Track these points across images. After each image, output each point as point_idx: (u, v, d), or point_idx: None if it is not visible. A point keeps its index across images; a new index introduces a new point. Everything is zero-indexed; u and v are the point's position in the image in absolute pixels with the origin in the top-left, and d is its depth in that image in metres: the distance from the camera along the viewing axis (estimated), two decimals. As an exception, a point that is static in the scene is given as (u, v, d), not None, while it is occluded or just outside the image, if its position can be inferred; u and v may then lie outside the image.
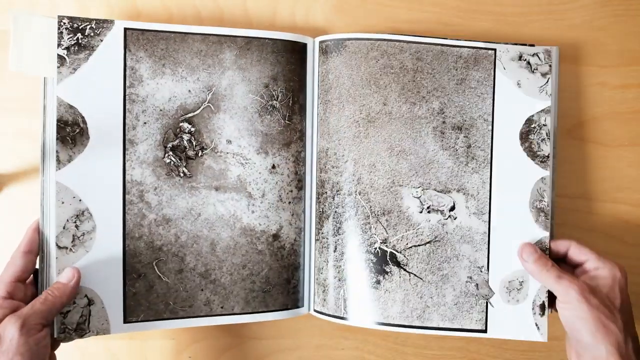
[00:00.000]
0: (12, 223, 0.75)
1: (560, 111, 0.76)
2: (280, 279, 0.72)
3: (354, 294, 0.72)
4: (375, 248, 0.72)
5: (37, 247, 0.65)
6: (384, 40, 0.73)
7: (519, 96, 0.72)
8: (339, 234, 0.72)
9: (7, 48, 0.66)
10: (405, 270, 0.72)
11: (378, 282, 0.72)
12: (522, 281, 0.71)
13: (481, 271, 0.72)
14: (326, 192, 0.73)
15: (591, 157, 0.78)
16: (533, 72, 0.72)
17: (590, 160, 0.78)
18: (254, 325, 0.78)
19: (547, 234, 0.71)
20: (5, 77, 0.74)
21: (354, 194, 0.72)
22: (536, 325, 0.70)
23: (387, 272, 0.72)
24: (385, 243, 0.72)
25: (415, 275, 0.72)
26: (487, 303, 0.71)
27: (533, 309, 0.71)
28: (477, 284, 0.72)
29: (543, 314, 0.70)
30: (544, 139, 0.72)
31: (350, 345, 0.79)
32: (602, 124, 0.78)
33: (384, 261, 0.72)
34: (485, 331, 0.71)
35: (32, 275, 0.66)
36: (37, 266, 0.66)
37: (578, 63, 0.78)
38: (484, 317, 0.71)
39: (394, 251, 0.72)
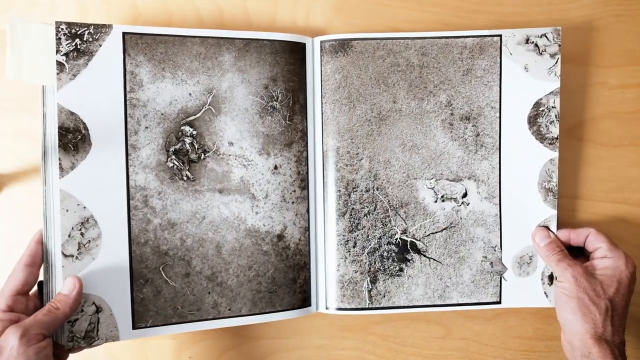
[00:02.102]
0: (12, 223, 0.75)
1: (560, 111, 0.77)
2: (286, 279, 0.73)
3: (378, 284, 0.75)
4: (397, 239, 0.75)
5: (39, 260, 0.65)
6: (389, 39, 0.74)
7: (527, 80, 0.75)
8: (358, 230, 0.74)
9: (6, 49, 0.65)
10: (425, 256, 0.76)
11: (401, 269, 0.75)
12: (532, 255, 0.76)
13: (495, 250, 0.76)
14: (340, 190, 0.74)
15: (591, 157, 0.79)
16: (541, 54, 0.74)
17: (590, 160, 0.79)
18: (255, 325, 0.78)
19: (555, 212, 0.75)
20: (5, 77, 0.73)
21: (372, 190, 0.75)
22: (545, 293, 0.76)
23: (409, 260, 0.75)
24: (405, 233, 0.75)
25: (434, 259, 0.76)
26: (500, 278, 0.76)
27: (542, 279, 0.76)
28: (491, 262, 0.76)
29: (551, 283, 0.76)
30: (552, 121, 0.74)
31: (351, 345, 0.80)
32: (602, 124, 0.79)
33: (405, 250, 0.75)
34: (499, 302, 0.76)
35: (36, 287, 0.66)
36: (42, 277, 0.66)
37: (578, 63, 0.79)
38: (498, 291, 0.76)
39: (414, 240, 0.75)
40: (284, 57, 0.72)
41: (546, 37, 0.74)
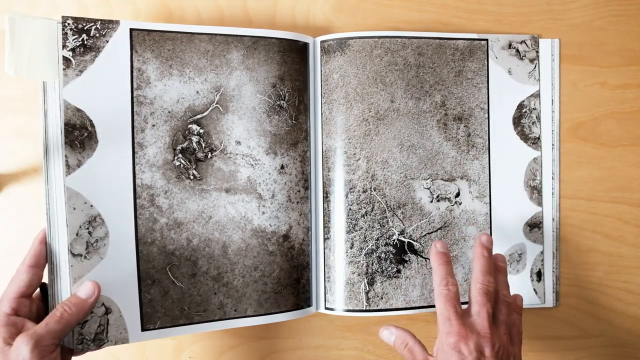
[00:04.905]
0: (12, 223, 0.74)
1: (560, 111, 0.78)
2: (290, 279, 0.72)
3: (375, 286, 0.74)
4: (394, 240, 0.75)
5: (43, 260, 0.63)
6: (386, 37, 0.74)
7: (511, 83, 0.77)
8: (355, 231, 0.74)
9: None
10: (422, 256, 0.75)
11: (399, 271, 0.75)
12: (521, 253, 0.78)
13: None
14: (338, 191, 0.74)
15: (591, 157, 0.79)
16: (522, 59, 0.77)
17: (590, 160, 0.80)
18: (255, 325, 0.77)
19: (541, 209, 0.78)
20: (5, 77, 0.72)
21: (369, 191, 0.74)
22: (534, 290, 0.78)
23: (406, 261, 0.75)
24: (402, 234, 0.75)
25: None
26: None
27: (531, 276, 0.78)
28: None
29: (540, 280, 0.78)
30: (534, 122, 0.77)
31: (350, 345, 0.79)
32: (602, 124, 0.79)
33: (403, 251, 0.75)
34: None
35: (38, 289, 0.64)
36: (46, 279, 0.64)
37: (578, 63, 0.80)
38: None
39: (411, 241, 0.75)
40: (290, 56, 0.72)
41: (525, 43, 0.77)
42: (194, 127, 0.69)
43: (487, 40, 0.77)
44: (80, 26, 0.65)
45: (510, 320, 0.65)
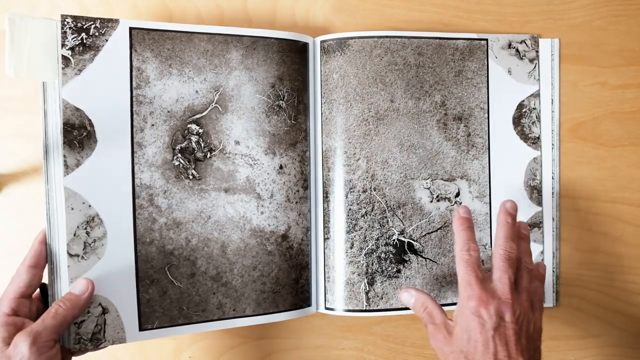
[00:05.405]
0: (12, 223, 0.74)
1: (560, 111, 0.78)
2: (289, 279, 0.72)
3: (375, 286, 0.74)
4: (394, 240, 0.75)
5: (43, 261, 0.63)
6: (386, 37, 0.74)
7: (510, 83, 0.77)
8: (355, 231, 0.74)
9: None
10: (422, 256, 0.75)
11: (399, 271, 0.75)
12: None
13: (485, 248, 0.77)
14: (338, 191, 0.74)
15: (591, 157, 0.79)
16: (522, 58, 0.77)
17: (590, 160, 0.79)
18: (255, 325, 0.77)
19: (541, 209, 0.78)
20: (5, 77, 0.71)
21: (369, 191, 0.74)
22: None
23: (406, 261, 0.75)
24: (402, 234, 0.75)
25: (430, 260, 0.76)
26: None
27: None
28: (482, 260, 0.76)
29: None
30: (534, 122, 0.77)
31: (350, 345, 0.79)
32: (602, 124, 0.79)
33: (403, 251, 0.75)
34: None
35: (38, 290, 0.64)
36: (46, 279, 0.64)
37: (578, 63, 0.79)
38: None
39: (411, 241, 0.75)
40: (290, 56, 0.72)
41: (525, 43, 0.77)
42: (193, 126, 0.69)
43: (487, 40, 0.77)
44: (79, 25, 0.65)
45: (532, 288, 0.65)
